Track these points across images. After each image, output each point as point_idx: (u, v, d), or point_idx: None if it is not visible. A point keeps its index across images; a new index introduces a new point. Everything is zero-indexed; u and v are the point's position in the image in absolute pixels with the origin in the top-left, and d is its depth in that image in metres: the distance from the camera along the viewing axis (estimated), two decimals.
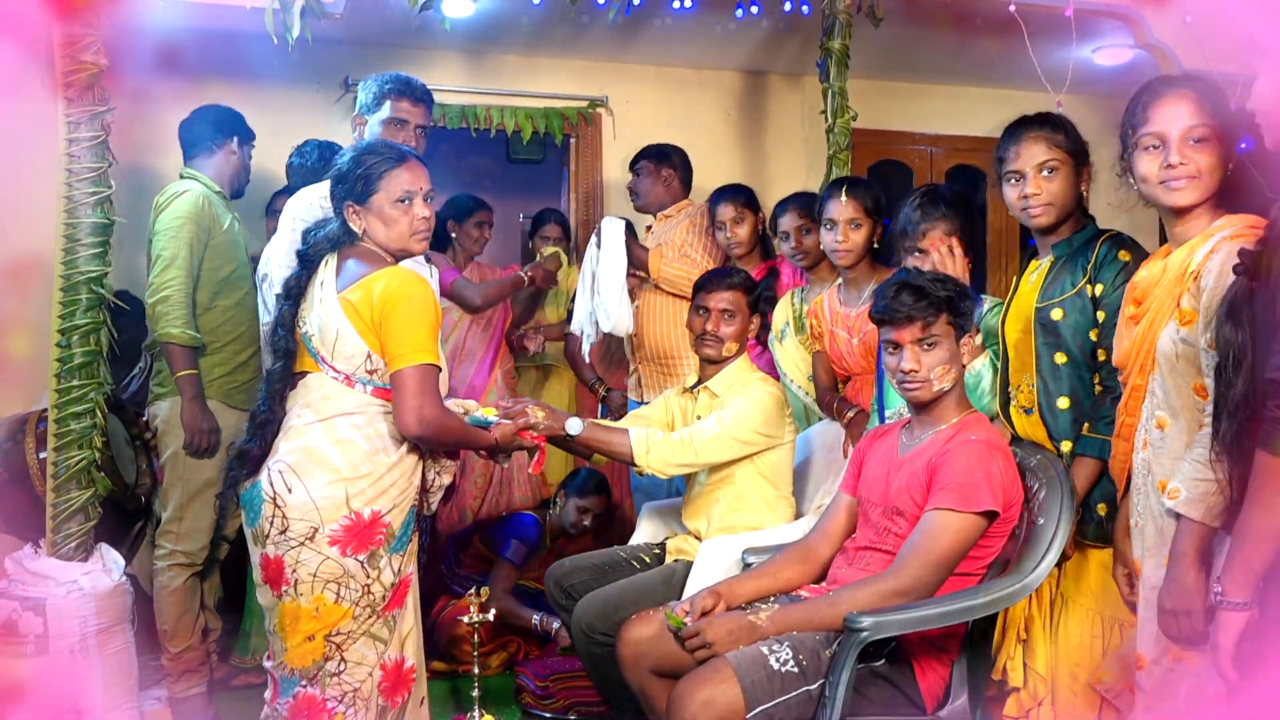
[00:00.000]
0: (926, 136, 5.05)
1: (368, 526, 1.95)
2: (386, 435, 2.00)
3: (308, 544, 1.92)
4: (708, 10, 3.30)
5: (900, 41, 4.27)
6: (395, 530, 1.99)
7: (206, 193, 3.04)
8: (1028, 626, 2.17)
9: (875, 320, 2.13)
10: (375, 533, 1.96)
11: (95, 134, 2.62)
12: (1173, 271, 1.79)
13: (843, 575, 2.13)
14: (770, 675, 1.88)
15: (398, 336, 1.96)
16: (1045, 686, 2.14)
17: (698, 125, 4.67)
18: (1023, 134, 2.16)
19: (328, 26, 3.16)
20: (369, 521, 1.95)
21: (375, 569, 1.96)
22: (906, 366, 2.06)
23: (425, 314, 1.99)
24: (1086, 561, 2.11)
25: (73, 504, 2.61)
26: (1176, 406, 1.72)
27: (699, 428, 2.49)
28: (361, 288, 1.99)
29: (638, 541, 2.76)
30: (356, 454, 1.96)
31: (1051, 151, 2.13)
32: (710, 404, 2.61)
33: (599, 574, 2.58)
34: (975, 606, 1.96)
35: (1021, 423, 2.19)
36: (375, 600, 1.97)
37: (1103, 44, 4.18)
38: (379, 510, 1.96)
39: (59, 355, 2.61)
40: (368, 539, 1.95)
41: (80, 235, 2.61)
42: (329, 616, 1.93)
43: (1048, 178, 2.13)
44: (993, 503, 1.95)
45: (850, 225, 2.71)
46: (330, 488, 1.93)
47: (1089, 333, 2.08)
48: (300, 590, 1.93)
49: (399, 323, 1.96)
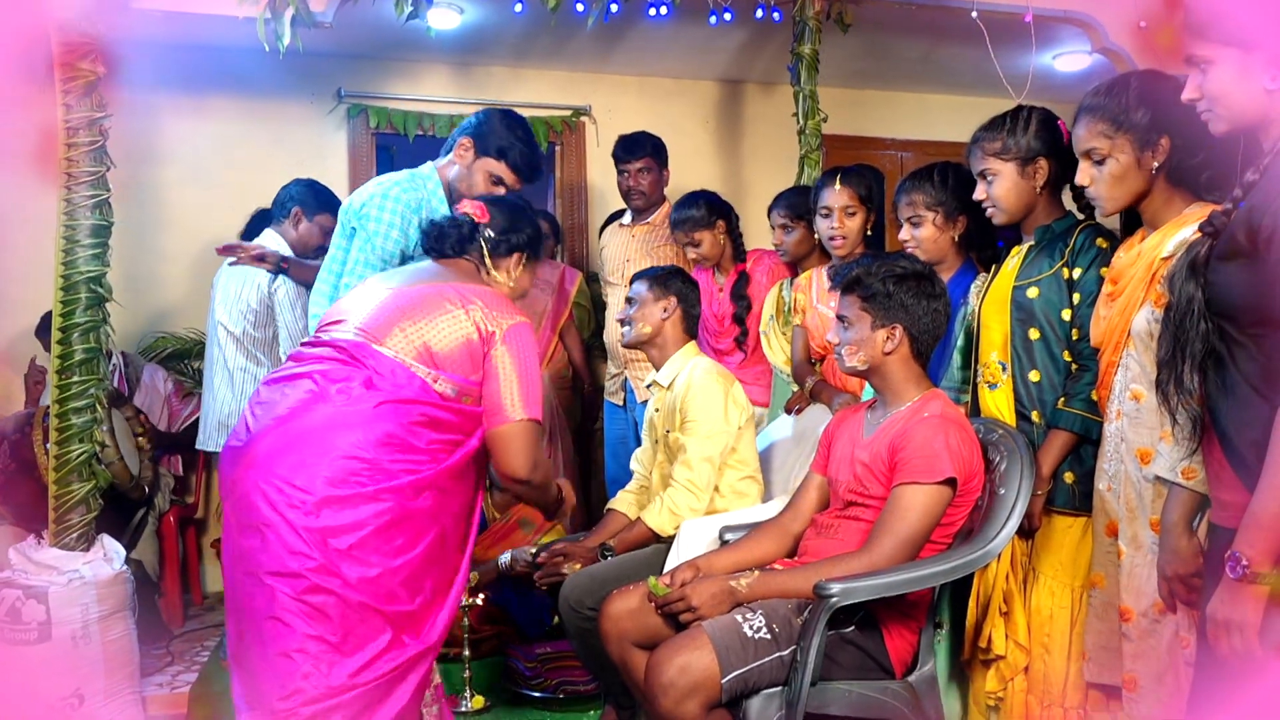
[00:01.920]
0: (897, 142, 5.21)
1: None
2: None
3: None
4: (684, 19, 3.43)
5: (869, 50, 4.41)
6: None
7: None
8: (1007, 599, 2.27)
9: (834, 288, 2.31)
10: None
11: (93, 139, 2.72)
12: (1146, 256, 1.94)
13: (813, 546, 2.22)
14: (744, 642, 1.96)
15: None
16: (1025, 656, 2.24)
17: (677, 132, 4.78)
18: (971, 145, 2.33)
19: (319, 38, 3.26)
20: None
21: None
22: (831, 340, 2.25)
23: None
24: (1054, 533, 2.21)
25: (74, 496, 2.70)
26: (1153, 380, 1.81)
27: (679, 471, 2.64)
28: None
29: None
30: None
31: (986, 161, 2.28)
32: (664, 396, 2.76)
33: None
34: (940, 572, 2.03)
35: (985, 398, 2.31)
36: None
37: (1062, 50, 4.33)
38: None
39: (60, 352, 2.70)
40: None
41: (79, 236, 2.71)
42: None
43: (990, 183, 2.28)
44: (952, 469, 2.04)
45: (845, 212, 2.83)
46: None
47: (1062, 312, 2.20)
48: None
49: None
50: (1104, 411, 2.07)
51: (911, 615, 2.14)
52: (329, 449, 1.84)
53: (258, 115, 4.46)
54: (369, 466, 1.85)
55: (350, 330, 2.01)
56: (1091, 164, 1.98)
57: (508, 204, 2.30)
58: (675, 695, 1.91)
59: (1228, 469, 1.52)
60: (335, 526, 1.81)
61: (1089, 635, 2.12)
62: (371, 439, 1.87)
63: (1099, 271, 2.15)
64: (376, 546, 1.84)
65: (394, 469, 1.87)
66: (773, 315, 3.19)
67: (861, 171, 2.94)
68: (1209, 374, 1.54)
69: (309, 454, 1.84)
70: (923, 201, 2.53)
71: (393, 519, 1.86)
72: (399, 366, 1.95)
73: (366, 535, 1.83)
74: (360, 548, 1.82)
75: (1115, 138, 1.94)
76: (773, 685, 1.98)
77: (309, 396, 1.91)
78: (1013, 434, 2.19)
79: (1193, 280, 1.55)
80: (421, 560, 1.90)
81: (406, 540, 1.88)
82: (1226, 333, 1.51)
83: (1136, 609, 1.93)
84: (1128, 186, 1.96)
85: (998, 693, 2.28)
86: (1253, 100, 1.51)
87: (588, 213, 4.83)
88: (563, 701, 2.89)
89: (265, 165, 4.38)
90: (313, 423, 1.87)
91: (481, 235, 2.21)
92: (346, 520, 1.82)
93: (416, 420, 1.92)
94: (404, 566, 1.87)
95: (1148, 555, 1.92)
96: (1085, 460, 2.16)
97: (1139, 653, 1.93)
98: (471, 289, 2.08)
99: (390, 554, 1.85)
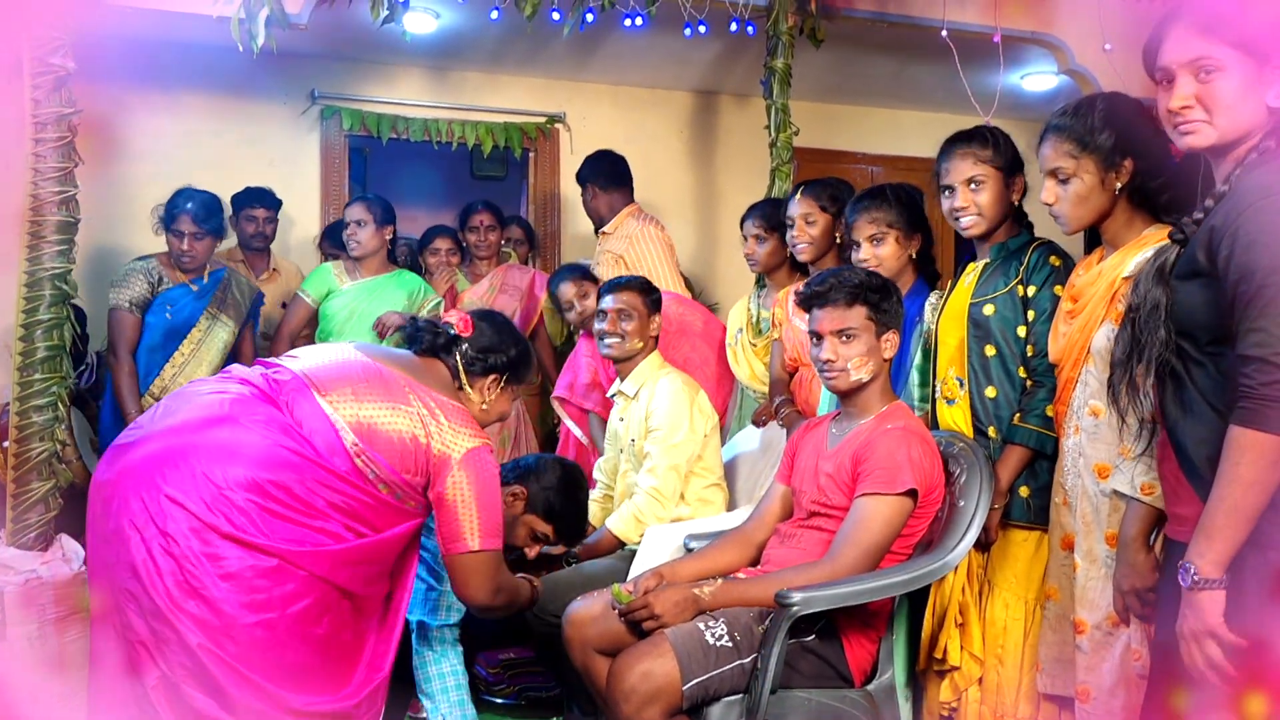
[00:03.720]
0: (868, 156, 5.28)
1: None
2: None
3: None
4: (659, 29, 3.46)
5: (842, 65, 4.47)
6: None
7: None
8: (963, 611, 2.29)
9: (800, 305, 2.27)
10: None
11: (62, 135, 2.70)
12: (1107, 275, 1.97)
13: (776, 555, 2.24)
14: (705, 649, 1.97)
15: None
16: (979, 668, 2.26)
17: (651, 141, 4.83)
18: (953, 151, 2.33)
19: (294, 39, 3.26)
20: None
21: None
22: (825, 356, 2.18)
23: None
24: (1011, 546, 2.25)
25: (33, 495, 2.67)
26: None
27: (645, 479, 2.65)
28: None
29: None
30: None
31: (977, 167, 2.29)
32: (629, 405, 2.77)
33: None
34: (899, 583, 2.06)
35: (944, 413, 2.35)
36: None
37: (1030, 70, 4.41)
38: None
39: (21, 349, 2.67)
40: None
41: (45, 232, 2.69)
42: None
43: (974, 191, 2.29)
44: (913, 481, 2.07)
45: (805, 221, 2.87)
46: None
47: (1017, 329, 2.23)
48: None
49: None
50: (1061, 427, 2.10)
51: (871, 625, 2.16)
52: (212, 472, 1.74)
53: (230, 114, 4.43)
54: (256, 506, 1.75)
55: (293, 372, 1.93)
56: (1057, 182, 2.01)
57: (497, 322, 2.21)
58: (637, 701, 1.92)
59: (1184, 484, 1.54)
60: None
61: (1043, 647, 2.15)
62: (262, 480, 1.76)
63: (1053, 289, 2.19)
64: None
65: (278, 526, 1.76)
66: (741, 328, 3.20)
67: (827, 183, 2.98)
68: (1167, 392, 1.56)
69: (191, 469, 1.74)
70: (885, 219, 2.57)
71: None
72: (329, 425, 1.85)
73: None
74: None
75: (1080, 158, 1.96)
76: (733, 693, 2.00)
77: (216, 412, 1.82)
78: (973, 447, 2.23)
79: (1159, 286, 1.56)
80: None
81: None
82: (1185, 351, 1.53)
83: (1090, 621, 1.97)
84: (1091, 206, 1.99)
85: (951, 703, 2.31)
86: (1253, 115, 1.46)
87: (560, 220, 4.85)
88: (525, 708, 2.89)
89: (237, 164, 4.35)
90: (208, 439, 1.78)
91: (459, 348, 2.12)
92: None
93: (319, 484, 1.82)
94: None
95: (1102, 569, 1.95)
96: (1040, 475, 2.20)
97: (1092, 665, 1.96)
98: (438, 399, 1.99)
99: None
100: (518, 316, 3.91)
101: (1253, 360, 1.38)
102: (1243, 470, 1.38)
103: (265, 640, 1.72)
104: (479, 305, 3.87)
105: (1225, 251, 1.42)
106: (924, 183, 2.67)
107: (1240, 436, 1.38)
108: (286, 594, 1.75)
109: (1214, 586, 1.40)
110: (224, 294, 3.40)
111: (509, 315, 3.86)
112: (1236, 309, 1.41)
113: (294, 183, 4.30)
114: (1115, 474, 1.84)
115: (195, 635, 1.68)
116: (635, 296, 2.81)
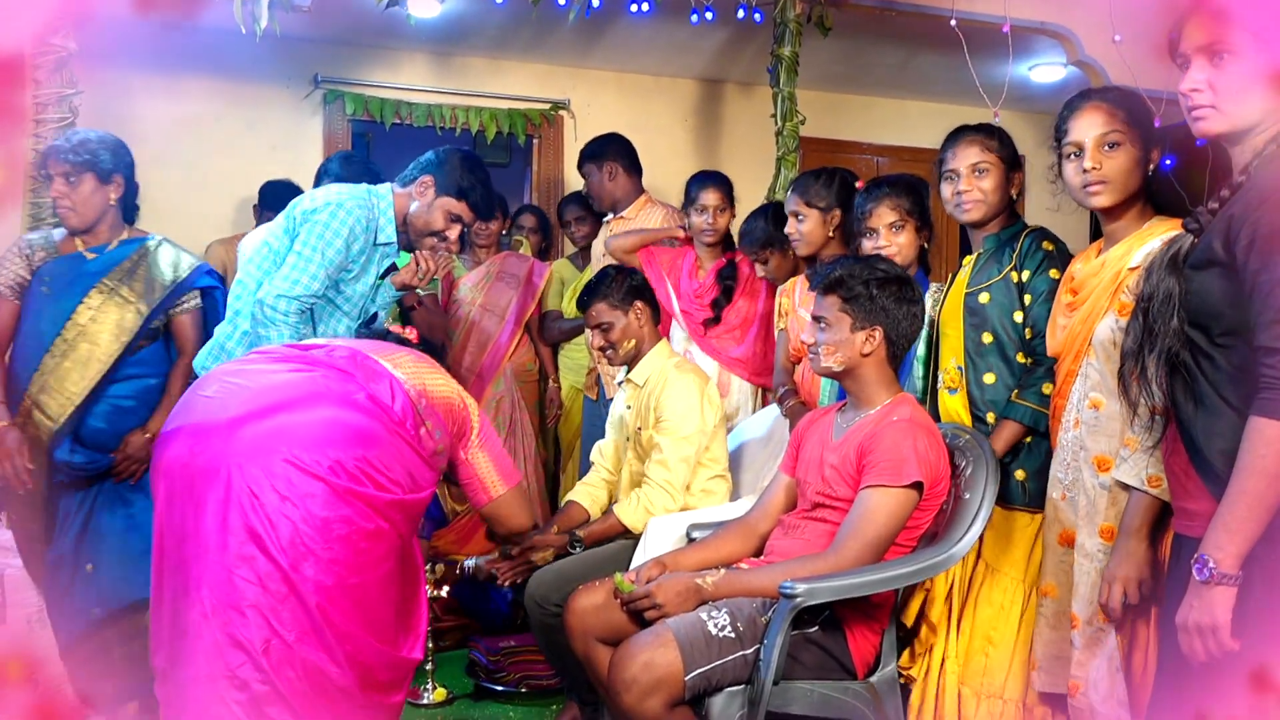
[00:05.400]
0: (873, 146, 5.26)
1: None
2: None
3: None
4: (665, 16, 3.44)
5: (849, 54, 4.44)
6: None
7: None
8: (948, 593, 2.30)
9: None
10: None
11: (63, 116, 2.68)
12: (1111, 267, 1.96)
13: (779, 546, 2.24)
14: (708, 640, 1.97)
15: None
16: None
17: (655, 129, 4.81)
18: (961, 137, 2.36)
19: (297, 23, 3.24)
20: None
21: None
22: (806, 340, 2.25)
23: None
24: (1014, 531, 2.24)
25: None
26: (1113, 388, 1.85)
27: (656, 470, 2.63)
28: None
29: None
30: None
31: (984, 154, 2.32)
32: (637, 394, 2.75)
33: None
34: (904, 575, 2.06)
35: (946, 402, 2.34)
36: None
37: (1038, 61, 4.38)
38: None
39: None
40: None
41: (45, 215, 2.67)
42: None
43: (978, 177, 2.32)
44: (919, 474, 2.06)
45: (796, 218, 2.86)
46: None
47: (1013, 314, 2.25)
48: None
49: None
50: (1059, 420, 2.09)
51: (874, 617, 2.16)
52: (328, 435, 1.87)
53: (232, 97, 4.41)
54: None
55: (350, 348, 2.08)
56: (1101, 150, 1.96)
57: (433, 349, 2.41)
58: (638, 691, 1.92)
59: (1194, 479, 1.53)
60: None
61: (1040, 644, 2.14)
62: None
63: (1048, 273, 2.22)
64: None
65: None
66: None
67: (820, 174, 2.94)
68: (1178, 385, 1.55)
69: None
70: (905, 206, 2.57)
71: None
72: (401, 391, 2.00)
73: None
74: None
75: (1129, 131, 1.95)
76: (736, 683, 1.99)
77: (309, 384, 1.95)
78: (979, 439, 2.22)
79: (1173, 275, 1.55)
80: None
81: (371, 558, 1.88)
82: (1196, 344, 1.52)
83: (1083, 616, 1.96)
84: (1134, 180, 1.96)
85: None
86: (1265, 103, 1.45)
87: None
88: (525, 695, 2.90)
89: (238, 148, 4.33)
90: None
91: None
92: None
93: (401, 449, 1.95)
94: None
95: (1094, 564, 1.95)
96: (1036, 456, 2.21)
97: (1084, 659, 1.95)
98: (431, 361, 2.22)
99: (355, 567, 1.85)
100: (515, 305, 3.88)
101: (1275, 351, 1.38)
102: (1267, 462, 1.37)
103: (364, 599, 1.85)
104: (474, 292, 3.85)
105: (1245, 241, 1.41)
106: (928, 174, 2.66)
107: (1265, 428, 1.38)
108: (380, 554, 1.88)
109: (1230, 582, 1.40)
110: (134, 267, 2.64)
111: (506, 303, 3.85)
112: (1256, 299, 1.40)
113: (296, 168, 4.26)
114: (1120, 465, 1.82)
115: (314, 596, 1.77)
116: (602, 305, 2.75)
